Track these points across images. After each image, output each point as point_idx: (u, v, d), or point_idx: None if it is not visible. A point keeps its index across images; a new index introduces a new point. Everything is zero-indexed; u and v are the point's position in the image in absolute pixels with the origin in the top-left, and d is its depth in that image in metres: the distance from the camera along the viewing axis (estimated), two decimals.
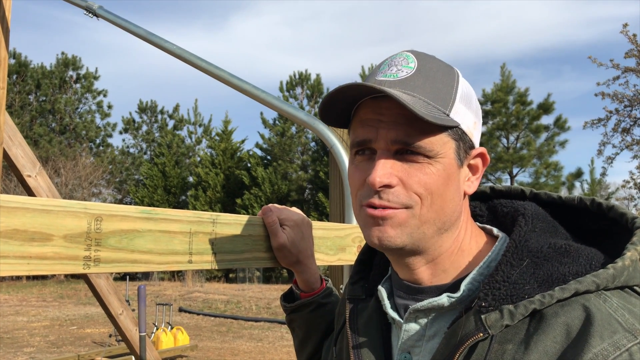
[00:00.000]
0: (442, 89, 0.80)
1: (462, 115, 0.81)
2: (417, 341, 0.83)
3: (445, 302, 0.80)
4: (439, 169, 0.78)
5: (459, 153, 0.81)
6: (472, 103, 0.84)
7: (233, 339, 11.56)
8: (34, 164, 3.30)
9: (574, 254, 0.77)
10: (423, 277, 0.84)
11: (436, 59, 0.84)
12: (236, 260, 1.08)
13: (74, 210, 0.80)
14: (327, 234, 1.34)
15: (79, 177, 29.72)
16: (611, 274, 0.73)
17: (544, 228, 0.82)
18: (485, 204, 0.96)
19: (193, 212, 1.00)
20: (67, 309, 16.12)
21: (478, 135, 0.85)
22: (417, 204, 0.79)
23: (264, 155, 30.81)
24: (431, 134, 0.77)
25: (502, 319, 0.72)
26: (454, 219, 0.82)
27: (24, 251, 0.74)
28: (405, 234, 0.79)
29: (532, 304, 0.72)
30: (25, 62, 33.63)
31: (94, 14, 2.48)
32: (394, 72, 0.80)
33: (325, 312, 1.18)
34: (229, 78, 2.04)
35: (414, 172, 0.78)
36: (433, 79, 0.80)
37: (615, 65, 16.96)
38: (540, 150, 24.18)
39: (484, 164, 0.86)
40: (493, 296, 0.74)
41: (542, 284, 0.74)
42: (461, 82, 0.83)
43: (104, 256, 0.83)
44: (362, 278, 0.99)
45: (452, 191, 0.81)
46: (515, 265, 0.76)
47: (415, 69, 0.80)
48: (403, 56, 0.82)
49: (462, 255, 0.84)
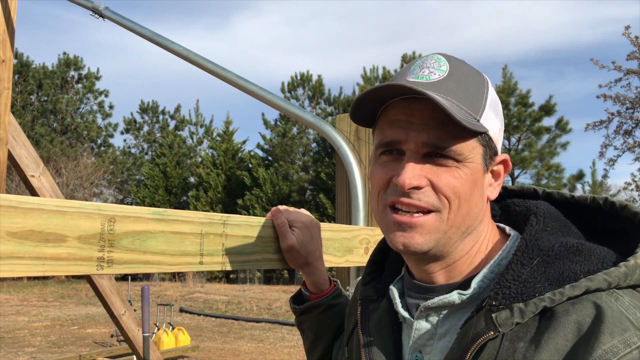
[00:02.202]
0: (473, 94, 0.80)
1: (491, 121, 0.81)
2: (429, 340, 0.83)
3: (456, 299, 0.80)
4: (467, 174, 0.79)
5: (485, 159, 0.81)
6: (498, 110, 0.84)
7: (234, 340, 11.55)
8: (38, 164, 3.31)
9: (585, 253, 0.76)
10: (439, 279, 0.85)
11: (466, 64, 0.84)
12: (246, 261, 1.08)
13: (88, 212, 0.80)
14: (334, 235, 1.34)
15: (80, 177, 29.73)
16: (623, 272, 0.73)
17: (556, 227, 0.82)
18: (498, 204, 0.96)
19: (204, 213, 1.00)
20: (68, 309, 16.11)
21: (501, 141, 0.86)
22: (445, 208, 0.79)
23: (265, 156, 30.81)
24: (462, 138, 0.78)
25: (513, 317, 0.72)
26: (477, 223, 0.83)
27: (39, 252, 0.74)
28: (433, 239, 0.80)
29: (542, 302, 0.72)
30: (27, 62, 33.66)
31: (100, 15, 2.48)
32: (426, 74, 0.80)
33: (334, 313, 1.18)
34: (235, 79, 2.04)
35: (443, 175, 0.78)
36: (465, 84, 0.80)
37: (617, 68, 16.92)
38: (541, 152, 24.16)
39: (506, 170, 0.87)
40: (503, 295, 0.74)
41: (553, 282, 0.74)
42: (490, 88, 0.84)
43: (117, 257, 0.84)
44: (374, 279, 0.99)
45: (477, 196, 0.81)
46: (525, 263, 0.76)
47: (448, 72, 0.80)
48: (435, 59, 0.82)
49: (477, 256, 0.84)
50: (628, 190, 19.16)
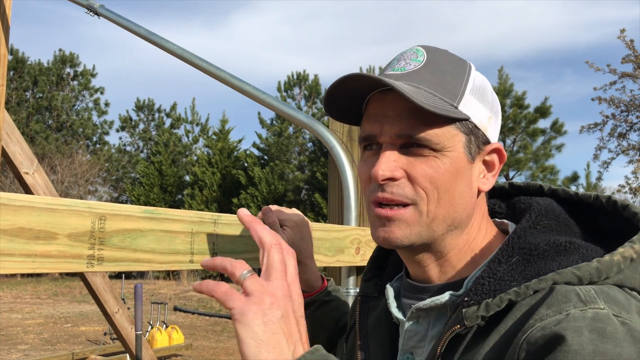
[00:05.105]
0: (450, 82, 0.78)
1: (474, 108, 0.79)
2: (420, 341, 0.82)
3: (447, 301, 0.78)
4: (445, 163, 0.76)
5: (469, 147, 0.78)
6: (486, 97, 0.82)
7: (228, 339, 11.54)
8: (32, 162, 3.30)
9: (571, 252, 0.74)
10: (432, 275, 0.83)
11: (448, 53, 0.82)
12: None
13: (79, 210, 0.81)
14: (326, 235, 1.35)
15: (75, 174, 29.63)
16: (594, 267, 0.70)
17: (551, 225, 0.79)
18: (505, 202, 0.93)
19: (195, 212, 1.00)
20: (62, 307, 16.06)
21: (494, 130, 0.83)
22: (422, 200, 0.76)
23: (260, 155, 30.79)
24: (437, 125, 0.75)
25: (478, 311, 0.71)
26: (464, 217, 0.80)
27: (29, 249, 0.75)
28: (414, 233, 0.78)
29: (507, 295, 0.70)
30: (23, 58, 33.51)
31: (95, 12, 2.48)
32: (402, 65, 0.80)
33: (329, 310, 1.18)
34: (229, 79, 2.05)
35: (420, 165, 0.76)
36: (442, 72, 0.79)
37: (612, 71, 17.03)
38: (536, 153, 24.24)
39: (501, 161, 0.83)
40: (476, 291, 0.73)
41: (529, 280, 0.72)
42: (473, 75, 0.81)
43: (107, 255, 0.84)
44: (376, 275, 0.98)
45: (461, 187, 0.78)
46: (503, 261, 0.75)
47: (424, 62, 0.79)
48: (413, 50, 0.81)
49: (472, 253, 0.82)
50: (622, 192, 19.27)
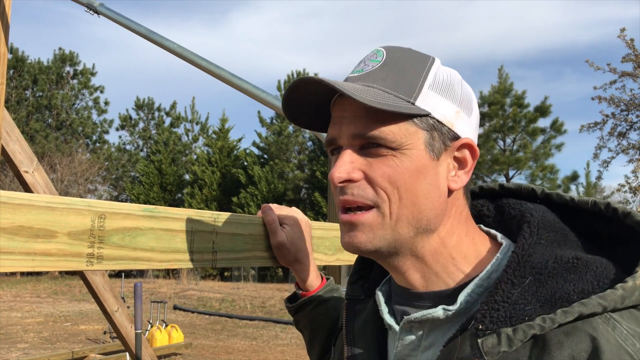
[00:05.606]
0: (407, 78, 0.76)
1: (435, 103, 0.76)
2: (413, 351, 0.79)
3: (440, 315, 0.75)
4: (404, 161, 0.74)
5: (432, 144, 0.75)
6: (452, 91, 0.78)
7: (227, 338, 11.55)
8: (32, 160, 3.30)
9: (581, 270, 0.70)
10: (415, 281, 0.80)
11: (409, 51, 0.80)
12: (236, 259, 1.09)
13: (78, 208, 0.81)
14: (325, 234, 1.35)
15: (75, 173, 29.63)
16: (619, 295, 0.67)
17: (552, 238, 0.76)
18: (494, 203, 0.89)
19: (195, 210, 1.00)
20: (61, 305, 16.07)
21: (464, 125, 0.79)
22: (384, 201, 0.74)
23: (260, 154, 30.81)
24: (392, 122, 0.73)
25: (500, 346, 0.66)
26: (432, 217, 0.76)
27: (28, 247, 0.75)
28: (378, 237, 0.75)
29: (531, 329, 0.66)
30: (22, 57, 33.50)
31: (95, 11, 2.48)
32: (361, 67, 0.79)
33: (328, 309, 1.18)
34: (229, 77, 2.05)
35: (378, 165, 0.74)
36: (398, 69, 0.77)
37: (612, 70, 17.02)
38: (536, 152, 24.26)
39: (474, 156, 0.79)
40: (491, 318, 0.68)
41: (545, 304, 0.68)
42: (434, 69, 0.78)
43: (107, 253, 0.84)
44: (362, 277, 0.96)
45: (425, 186, 0.75)
46: (517, 283, 0.70)
47: (382, 62, 0.77)
48: (374, 52, 0.80)
49: (453, 259, 0.79)
50: (621, 192, 19.26)
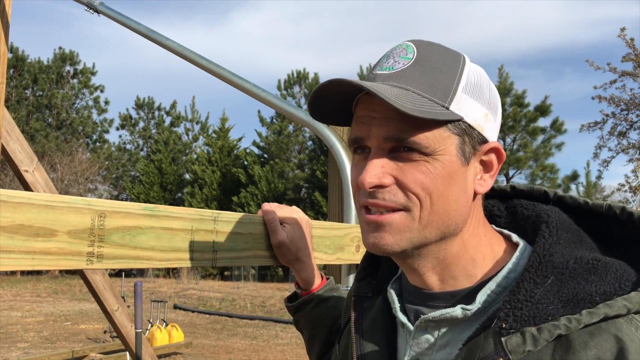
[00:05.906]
0: (441, 80, 0.74)
1: (467, 106, 0.74)
2: (427, 349, 0.78)
3: (459, 314, 0.75)
4: (437, 167, 0.72)
5: (463, 149, 0.74)
6: (482, 93, 0.76)
7: (227, 337, 11.55)
8: (32, 159, 3.30)
9: (601, 271, 0.71)
10: (431, 282, 0.79)
11: (440, 47, 0.77)
12: (237, 258, 1.09)
13: (78, 207, 0.81)
14: (326, 233, 1.35)
15: (75, 172, 29.63)
16: None
17: (569, 239, 0.75)
18: (505, 204, 0.88)
19: (195, 209, 1.00)
20: (62, 305, 16.07)
21: (492, 128, 0.78)
22: (416, 206, 0.73)
23: (260, 154, 30.80)
24: (427, 128, 0.71)
25: (525, 345, 0.66)
26: (459, 222, 0.76)
27: (28, 246, 0.74)
28: (405, 239, 0.74)
29: (557, 329, 0.66)
30: (23, 56, 33.48)
31: (95, 10, 2.48)
32: (391, 64, 0.76)
33: (328, 308, 1.17)
34: (229, 76, 2.04)
35: (410, 171, 0.72)
36: (432, 69, 0.74)
37: (612, 69, 17.00)
38: (536, 152, 24.26)
39: (500, 160, 0.78)
40: (515, 317, 0.68)
41: (567, 303, 0.68)
42: (466, 70, 0.76)
43: (107, 252, 0.84)
44: (370, 274, 0.94)
45: (455, 192, 0.74)
46: (539, 282, 0.70)
47: (413, 60, 0.74)
48: (403, 47, 0.77)
49: (473, 261, 0.78)
50: (622, 191, 19.25)
